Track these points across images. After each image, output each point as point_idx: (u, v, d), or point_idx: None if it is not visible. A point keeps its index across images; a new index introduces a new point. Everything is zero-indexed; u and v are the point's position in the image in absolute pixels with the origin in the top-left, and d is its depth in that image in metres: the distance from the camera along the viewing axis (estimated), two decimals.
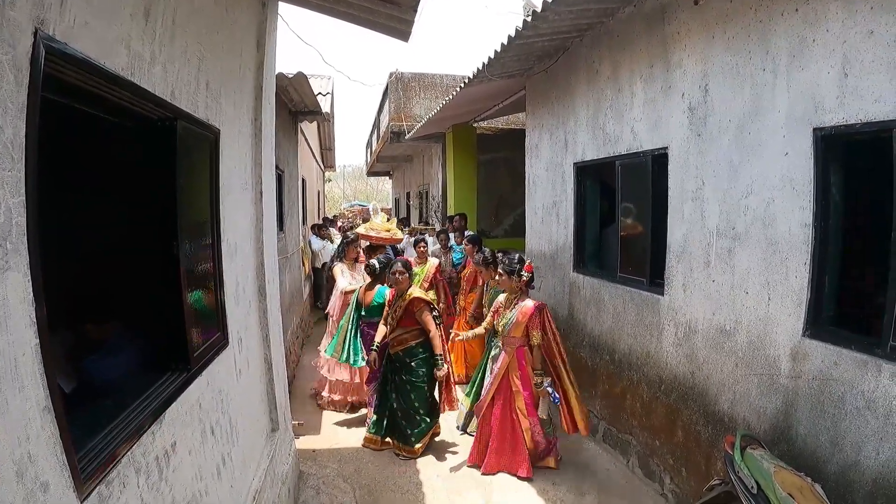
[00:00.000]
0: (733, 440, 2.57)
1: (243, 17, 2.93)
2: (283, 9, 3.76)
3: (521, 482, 3.96)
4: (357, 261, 5.65)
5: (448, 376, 4.42)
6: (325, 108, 7.41)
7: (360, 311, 4.89)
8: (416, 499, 3.82)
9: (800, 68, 2.54)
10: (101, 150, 2.06)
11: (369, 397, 4.79)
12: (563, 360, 4.02)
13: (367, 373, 4.78)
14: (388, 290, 4.70)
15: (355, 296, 4.94)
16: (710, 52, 3.15)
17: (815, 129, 2.47)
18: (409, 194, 16.85)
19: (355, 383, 5.26)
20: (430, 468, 4.25)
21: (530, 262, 4.15)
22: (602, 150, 4.41)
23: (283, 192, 6.25)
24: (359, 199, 36.39)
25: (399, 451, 4.43)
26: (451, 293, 6.45)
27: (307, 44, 4.81)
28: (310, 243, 9.47)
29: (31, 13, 1.09)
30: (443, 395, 4.47)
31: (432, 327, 4.32)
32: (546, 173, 5.53)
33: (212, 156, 2.38)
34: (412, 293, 4.38)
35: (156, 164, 1.93)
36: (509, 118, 9.74)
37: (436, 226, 10.99)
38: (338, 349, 4.85)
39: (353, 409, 5.35)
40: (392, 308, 4.45)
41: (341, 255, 5.81)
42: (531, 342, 3.95)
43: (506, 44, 4.47)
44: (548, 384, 3.89)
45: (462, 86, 6.04)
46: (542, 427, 4.06)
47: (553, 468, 4.13)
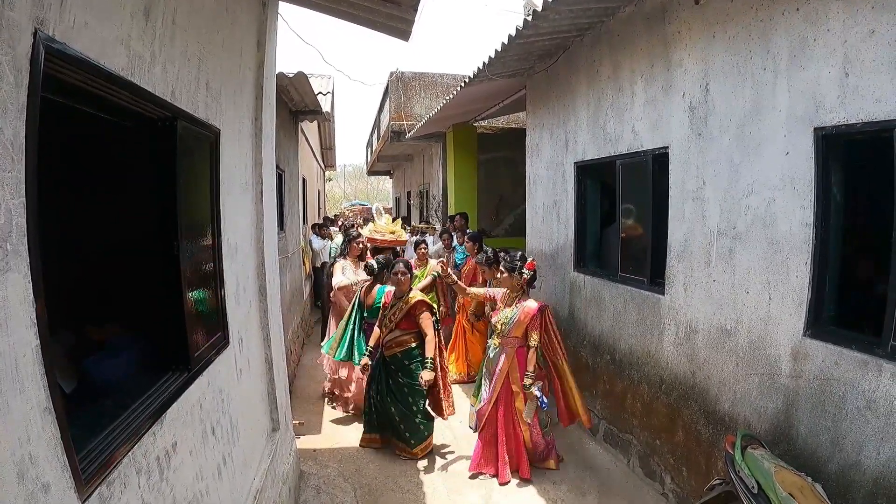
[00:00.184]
0: (734, 440, 2.57)
1: (243, 16, 2.93)
2: (284, 8, 3.76)
3: (522, 482, 3.96)
4: (361, 258, 5.64)
5: (438, 384, 4.30)
6: (326, 107, 7.41)
7: (362, 311, 4.88)
8: (416, 498, 3.82)
9: (801, 68, 2.54)
10: (101, 151, 2.06)
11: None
12: (564, 356, 4.02)
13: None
14: (387, 289, 4.65)
15: (357, 296, 4.94)
16: (711, 52, 3.14)
17: (815, 129, 2.47)
18: (409, 193, 16.85)
19: (356, 378, 5.24)
20: (430, 468, 4.26)
21: (532, 260, 4.11)
22: (603, 150, 4.41)
23: (283, 192, 6.25)
24: (359, 198, 36.44)
25: (400, 452, 4.41)
26: (451, 295, 6.42)
27: (307, 43, 4.82)
28: (310, 243, 9.47)
29: (31, 13, 1.08)
30: (440, 401, 4.35)
31: (430, 331, 4.25)
32: (547, 173, 5.53)
33: (212, 156, 2.38)
34: (415, 296, 4.34)
35: (156, 164, 1.93)
36: (510, 117, 9.74)
37: (436, 225, 10.99)
38: (333, 346, 4.84)
39: (355, 407, 5.34)
40: (391, 309, 4.38)
41: (343, 253, 5.81)
42: (529, 343, 3.91)
43: (506, 43, 4.46)
44: (537, 388, 3.84)
45: (462, 85, 6.04)
46: (541, 427, 4.06)
47: (553, 469, 4.13)
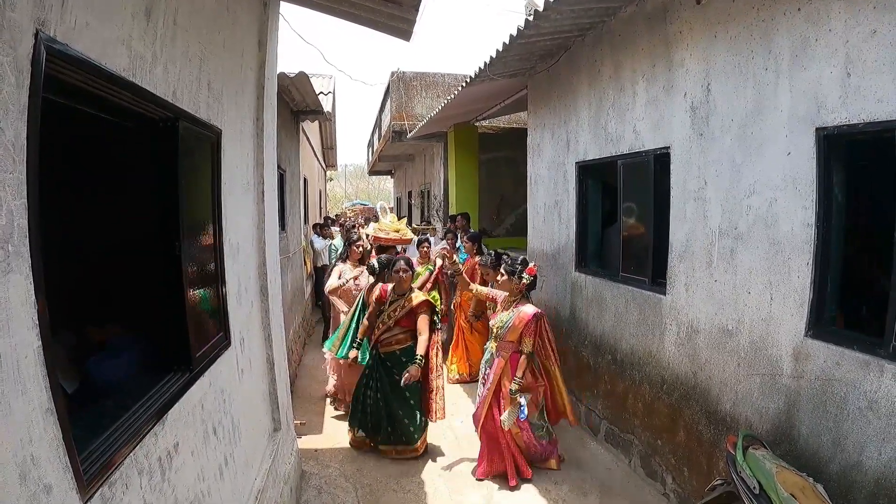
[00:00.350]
0: (735, 440, 2.57)
1: (245, 16, 2.93)
2: (285, 8, 3.76)
3: (523, 482, 3.96)
4: (362, 262, 5.62)
5: (431, 385, 4.31)
6: (327, 107, 7.41)
7: (365, 311, 4.88)
8: (418, 498, 3.82)
9: (802, 68, 2.53)
10: (103, 151, 2.07)
11: None
12: (556, 362, 4.00)
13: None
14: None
15: (360, 295, 4.94)
16: (713, 52, 3.14)
17: (817, 129, 2.47)
18: (410, 193, 16.84)
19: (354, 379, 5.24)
20: (431, 468, 4.25)
21: (534, 266, 4.03)
22: (604, 150, 4.40)
23: (284, 192, 6.25)
24: (360, 198, 36.45)
25: (398, 455, 4.35)
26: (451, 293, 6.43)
27: (309, 43, 4.83)
28: (312, 243, 9.47)
29: (32, 14, 1.08)
30: (430, 403, 4.35)
31: (426, 332, 4.26)
32: (548, 173, 5.52)
33: (213, 156, 2.38)
34: (419, 296, 4.35)
35: (157, 165, 1.94)
36: (511, 117, 9.73)
37: (437, 225, 10.98)
38: (336, 344, 4.86)
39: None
40: (390, 306, 4.36)
41: (343, 257, 5.79)
42: (522, 348, 3.84)
43: (508, 43, 4.46)
44: (523, 397, 3.78)
45: (464, 85, 6.04)
46: (533, 431, 3.98)
47: (555, 469, 4.13)
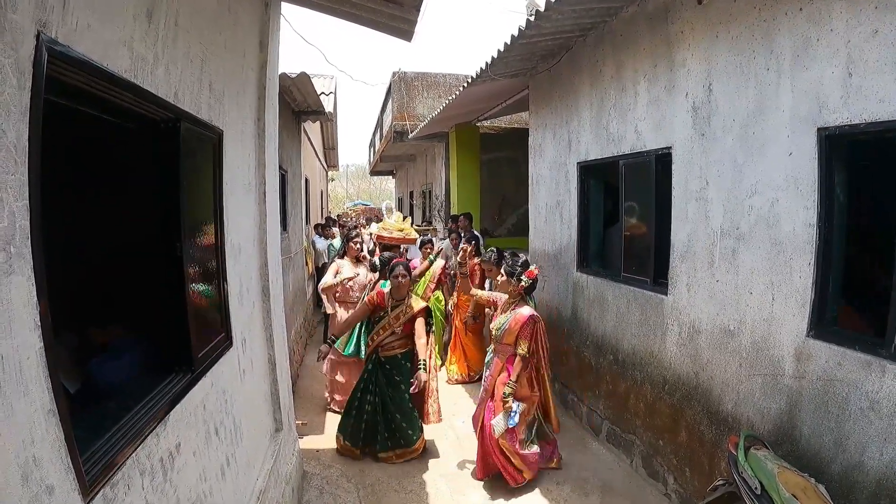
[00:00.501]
0: (737, 440, 2.56)
1: (246, 17, 2.93)
2: (286, 9, 3.76)
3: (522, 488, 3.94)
4: (359, 259, 5.64)
5: (427, 388, 4.30)
6: (328, 107, 7.41)
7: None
8: (419, 498, 3.82)
9: (804, 68, 2.53)
10: (104, 153, 2.07)
11: None
12: (546, 368, 3.97)
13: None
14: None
15: (364, 294, 4.96)
16: (714, 52, 3.13)
17: (819, 129, 2.46)
18: (412, 193, 16.85)
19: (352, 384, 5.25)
20: (433, 468, 4.26)
21: (534, 269, 3.95)
22: (605, 150, 4.40)
23: (286, 192, 6.26)
24: (362, 198, 36.48)
25: (397, 460, 4.31)
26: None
27: (310, 44, 4.82)
28: (313, 243, 9.48)
29: (34, 16, 1.08)
30: (425, 405, 4.35)
31: (424, 335, 4.27)
32: (549, 173, 5.52)
33: (215, 157, 2.39)
34: (419, 303, 4.37)
35: (159, 166, 1.94)
36: (512, 117, 9.74)
37: (438, 226, 10.98)
38: (343, 342, 4.92)
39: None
40: (393, 311, 4.33)
41: (340, 253, 5.83)
42: (517, 351, 3.80)
43: (509, 43, 4.46)
44: (515, 403, 3.75)
45: (465, 85, 6.04)
46: (519, 438, 3.85)
47: (555, 468, 4.12)
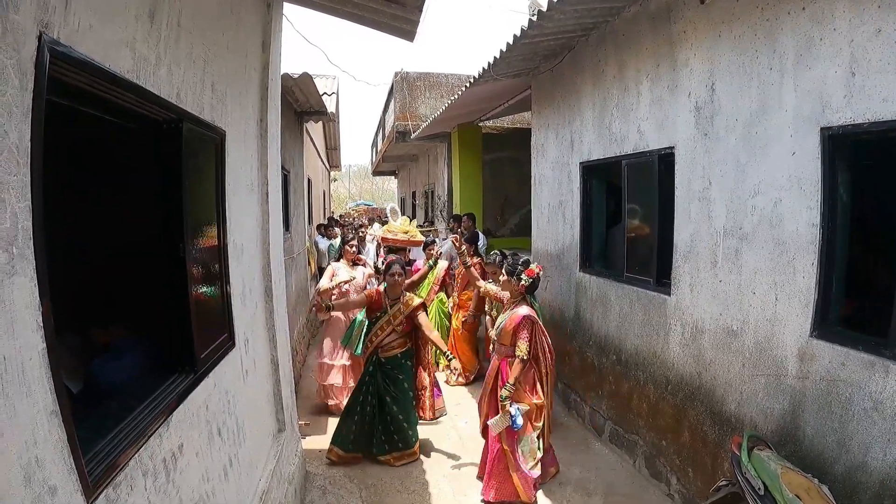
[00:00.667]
0: (740, 441, 2.55)
1: (248, 17, 2.94)
2: (289, 9, 3.76)
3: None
4: (355, 262, 5.63)
5: (423, 382, 4.30)
6: (331, 108, 7.42)
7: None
8: (422, 499, 3.82)
9: (807, 67, 2.52)
10: (107, 153, 2.07)
11: None
12: (549, 375, 3.83)
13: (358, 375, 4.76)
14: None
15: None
16: (717, 51, 3.12)
17: (822, 129, 2.45)
18: (414, 194, 16.86)
19: (349, 386, 5.24)
20: (435, 468, 4.25)
21: (534, 268, 3.79)
22: (608, 150, 4.39)
23: (288, 193, 6.27)
24: (364, 198, 36.51)
25: (396, 462, 4.27)
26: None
27: (312, 44, 4.85)
28: (316, 243, 9.49)
29: (36, 17, 1.09)
30: (422, 400, 4.34)
31: (431, 329, 4.26)
32: (552, 173, 5.51)
33: (217, 157, 2.39)
34: (414, 299, 4.36)
35: (161, 166, 1.94)
36: (515, 117, 9.73)
37: (440, 226, 10.98)
38: (353, 342, 4.96)
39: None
40: (392, 310, 4.31)
41: (337, 256, 5.83)
42: (516, 353, 3.67)
43: (511, 43, 4.45)
44: (513, 406, 3.58)
45: (468, 85, 6.03)
46: (521, 452, 3.70)
47: (554, 474, 4.07)
